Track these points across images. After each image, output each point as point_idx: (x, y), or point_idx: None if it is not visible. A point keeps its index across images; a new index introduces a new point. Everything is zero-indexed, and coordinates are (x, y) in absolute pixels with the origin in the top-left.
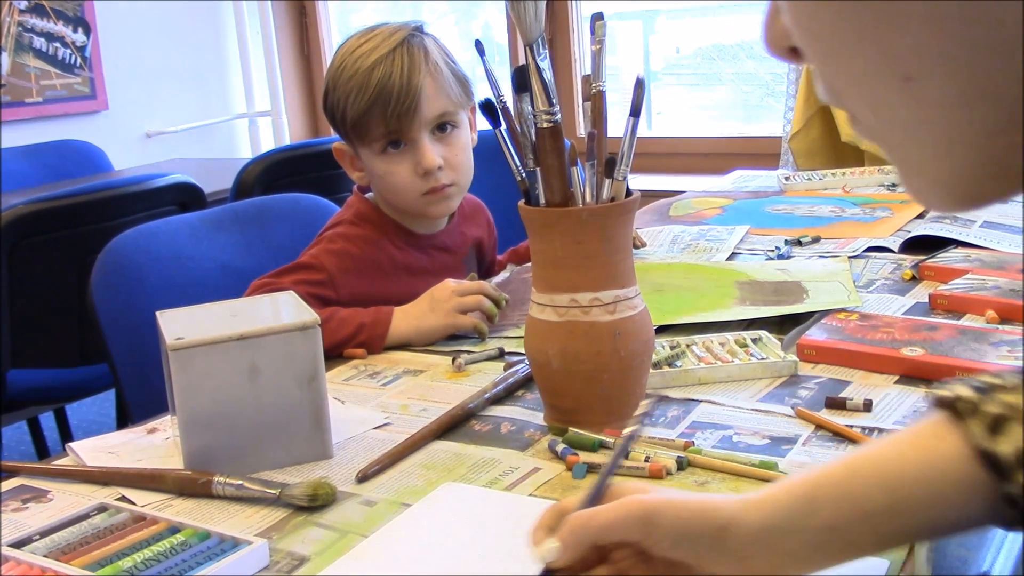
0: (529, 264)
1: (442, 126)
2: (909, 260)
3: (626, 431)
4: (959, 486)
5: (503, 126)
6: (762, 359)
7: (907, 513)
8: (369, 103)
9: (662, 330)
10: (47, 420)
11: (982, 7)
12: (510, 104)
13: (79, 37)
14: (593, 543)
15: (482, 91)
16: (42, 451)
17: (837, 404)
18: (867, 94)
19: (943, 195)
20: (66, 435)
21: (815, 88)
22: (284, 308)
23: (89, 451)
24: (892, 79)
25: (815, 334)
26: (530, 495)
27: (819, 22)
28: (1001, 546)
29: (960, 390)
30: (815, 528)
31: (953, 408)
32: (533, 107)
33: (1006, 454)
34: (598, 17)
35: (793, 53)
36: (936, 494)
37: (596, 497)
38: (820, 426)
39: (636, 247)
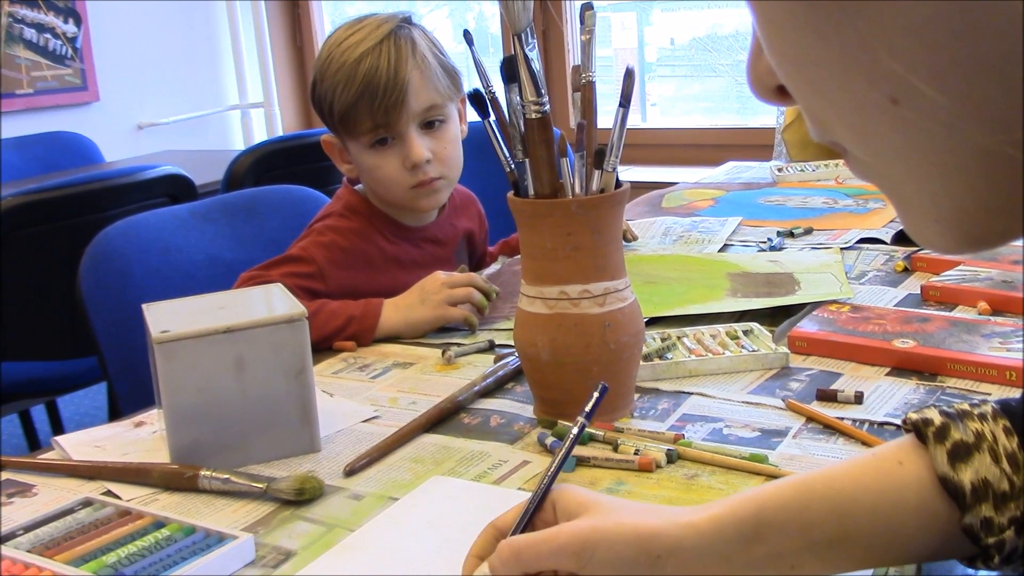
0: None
1: (430, 120)
2: (901, 251)
3: (567, 438)
4: (915, 515)
5: (492, 117)
6: (753, 351)
7: (857, 542)
8: (356, 96)
9: (653, 322)
10: (38, 412)
11: (972, 18)
12: (500, 95)
13: (70, 28)
14: (532, 570)
15: (473, 82)
16: (33, 444)
17: (828, 396)
18: (855, 123)
19: (945, 234)
20: (58, 428)
21: (807, 128)
22: (272, 301)
23: (75, 445)
24: (879, 103)
25: (806, 326)
26: (519, 489)
27: (799, 48)
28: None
29: (930, 414)
30: (758, 555)
31: (921, 432)
32: (522, 97)
33: (966, 483)
34: (587, 7)
35: (780, 93)
36: (890, 523)
37: (533, 511)
38: (811, 418)
39: (627, 241)
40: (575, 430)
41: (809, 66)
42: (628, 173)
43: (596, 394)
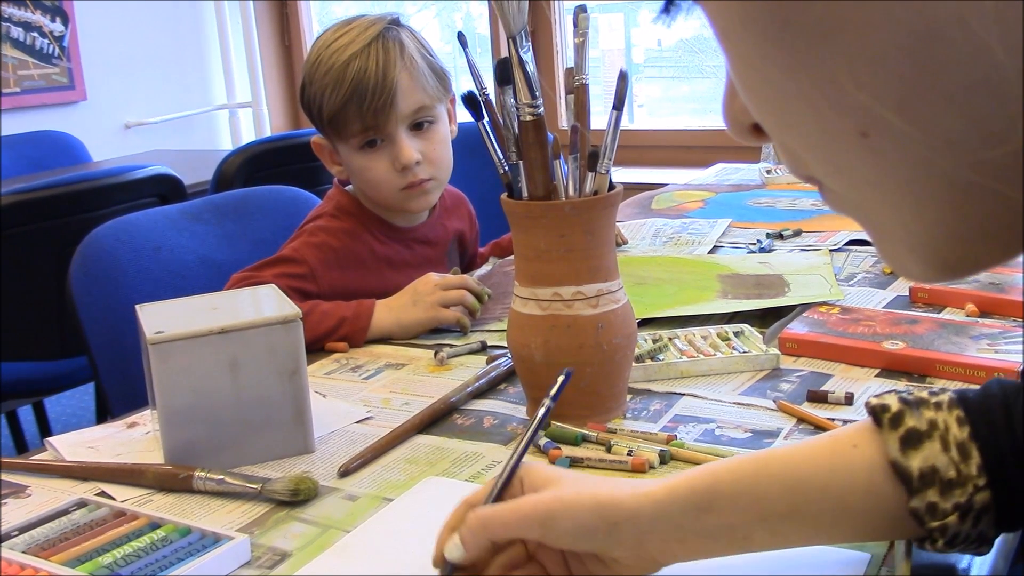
0: (512, 257)
1: (420, 122)
2: None
3: (534, 418)
4: (864, 496)
5: (486, 119)
6: (744, 352)
7: (807, 518)
8: (345, 98)
9: (644, 323)
10: (25, 413)
11: (933, 51)
12: (493, 96)
13: (57, 27)
14: (492, 542)
15: (465, 83)
16: (21, 444)
17: (819, 397)
18: (827, 156)
19: (923, 263)
20: (45, 428)
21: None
22: (265, 302)
23: (68, 446)
24: (849, 137)
25: (797, 327)
26: None
27: (769, 84)
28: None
29: (888, 400)
30: (710, 524)
31: (876, 417)
32: (516, 100)
33: (915, 469)
34: (581, 10)
35: (755, 131)
36: (840, 502)
37: (504, 487)
38: (802, 419)
39: (617, 244)
40: (541, 411)
41: (780, 101)
42: (616, 174)
43: (561, 377)
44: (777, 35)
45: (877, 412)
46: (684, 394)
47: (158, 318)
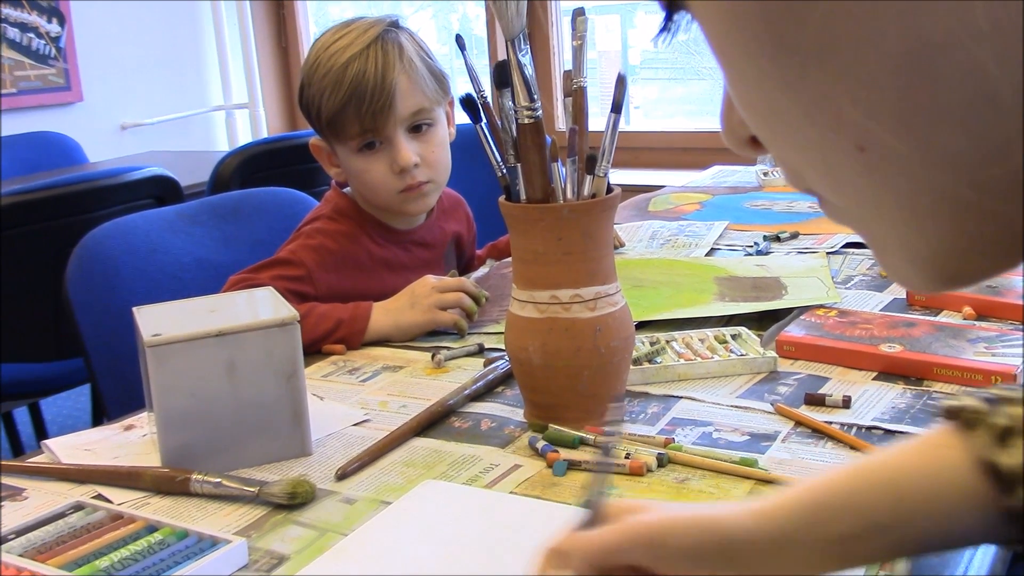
0: (509, 259)
1: (418, 124)
2: None
3: (597, 456)
4: (960, 497)
5: (484, 121)
6: (741, 355)
7: (913, 524)
8: (343, 101)
9: (641, 326)
10: (21, 415)
11: (930, 69)
12: (491, 99)
13: (53, 28)
14: (602, 568)
15: (463, 86)
16: (16, 447)
17: (816, 400)
18: (825, 170)
19: (921, 274)
20: (41, 431)
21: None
22: (262, 304)
23: (65, 448)
24: (846, 150)
25: (794, 330)
26: (510, 492)
27: (767, 100)
28: (978, 546)
29: (968, 401)
30: (825, 538)
31: (960, 418)
32: (514, 102)
33: (1009, 466)
34: (579, 13)
35: (753, 144)
36: (938, 505)
37: (595, 517)
38: (799, 422)
39: (614, 247)
40: (606, 443)
41: (778, 117)
42: (613, 176)
43: (623, 414)
44: (772, 52)
45: (959, 413)
46: (682, 397)
47: (155, 320)
